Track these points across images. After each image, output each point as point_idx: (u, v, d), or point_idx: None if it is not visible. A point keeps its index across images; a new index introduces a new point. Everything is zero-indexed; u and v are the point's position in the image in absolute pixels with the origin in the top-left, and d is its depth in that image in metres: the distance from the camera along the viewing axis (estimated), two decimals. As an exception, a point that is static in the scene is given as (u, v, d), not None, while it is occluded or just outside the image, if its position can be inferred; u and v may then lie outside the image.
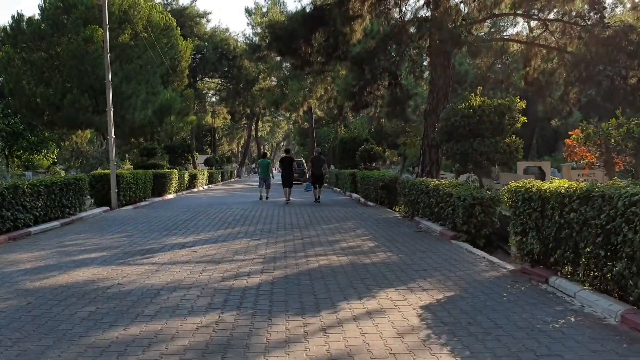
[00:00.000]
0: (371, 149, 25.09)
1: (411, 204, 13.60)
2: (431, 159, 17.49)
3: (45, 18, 28.86)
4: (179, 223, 13.09)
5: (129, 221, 13.62)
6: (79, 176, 14.54)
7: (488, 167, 11.15)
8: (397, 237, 10.55)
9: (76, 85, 27.62)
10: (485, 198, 9.76)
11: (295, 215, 15.05)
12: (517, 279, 6.99)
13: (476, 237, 9.90)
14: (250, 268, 7.65)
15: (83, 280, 6.98)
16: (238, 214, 15.31)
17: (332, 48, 21.19)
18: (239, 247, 9.53)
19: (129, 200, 18.84)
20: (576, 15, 18.00)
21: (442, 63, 17.68)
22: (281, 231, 11.60)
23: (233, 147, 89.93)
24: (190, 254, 8.81)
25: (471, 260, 8.23)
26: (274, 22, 20.91)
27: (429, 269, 7.61)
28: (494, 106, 10.57)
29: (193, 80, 54.27)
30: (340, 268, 7.62)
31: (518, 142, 10.79)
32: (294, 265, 7.81)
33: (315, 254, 8.82)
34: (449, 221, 10.63)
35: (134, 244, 9.91)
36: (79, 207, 14.33)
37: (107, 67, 17.64)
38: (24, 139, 41.86)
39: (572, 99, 20.54)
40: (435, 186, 11.38)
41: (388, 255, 8.65)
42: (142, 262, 8.22)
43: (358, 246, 9.56)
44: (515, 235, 7.66)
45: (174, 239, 10.50)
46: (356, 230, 11.70)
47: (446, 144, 11.25)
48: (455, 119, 10.73)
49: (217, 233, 11.35)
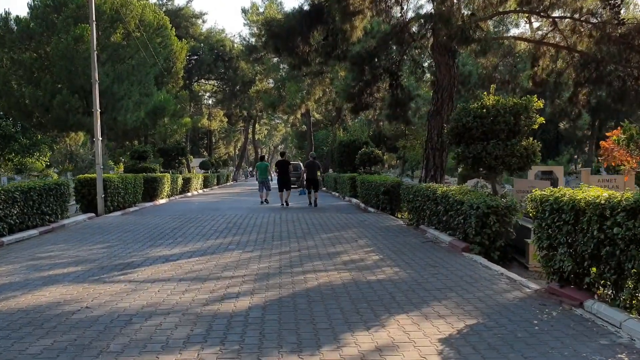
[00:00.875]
0: (371, 152, 24.20)
1: (416, 211, 12.70)
2: (435, 163, 16.60)
3: (34, 17, 27.96)
4: (166, 232, 12.16)
5: (114, 229, 12.68)
6: (60, 181, 13.61)
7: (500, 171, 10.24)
8: (403, 249, 9.64)
9: (66, 86, 26.72)
10: (501, 206, 8.88)
11: (292, 222, 14.13)
12: (545, 301, 6.10)
13: (490, 250, 9.02)
14: (239, 287, 6.73)
15: (47, 303, 6.06)
16: (231, 221, 14.39)
17: (331, 47, 20.33)
18: (229, 260, 8.61)
19: (117, 206, 17.90)
20: (587, 12, 17.14)
21: (447, 62, 16.82)
22: (276, 241, 10.68)
23: (230, 150, 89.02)
24: (174, 270, 7.89)
25: (489, 278, 7.32)
26: (270, 19, 20.07)
27: (443, 288, 6.70)
28: (509, 106, 9.68)
29: (189, 82, 53.39)
30: (343, 287, 6.71)
31: (536, 145, 9.91)
32: (289, 284, 6.90)
33: (313, 269, 7.90)
34: (460, 231, 9.74)
35: (113, 257, 8.99)
36: (60, 214, 13.39)
37: (94, 66, 16.71)
38: (16, 142, 40.95)
39: (581, 101, 19.67)
40: (444, 193, 10.49)
41: (395, 270, 7.74)
42: (119, 279, 7.30)
43: (361, 259, 8.65)
44: (540, 250, 6.76)
45: (158, 251, 9.57)
46: (358, 240, 10.79)
47: (456, 147, 10.37)
48: (467, 119, 9.83)
49: (207, 244, 10.43)
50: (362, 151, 24.62)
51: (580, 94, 19.56)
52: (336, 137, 38.44)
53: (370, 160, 24.32)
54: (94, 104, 16.66)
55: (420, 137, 34.23)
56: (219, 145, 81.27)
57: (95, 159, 16.92)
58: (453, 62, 16.86)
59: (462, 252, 9.23)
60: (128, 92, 28.98)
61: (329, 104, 44.45)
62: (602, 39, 17.29)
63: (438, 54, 17.01)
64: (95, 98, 16.70)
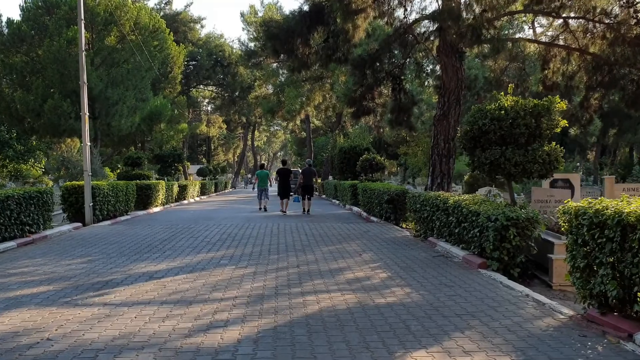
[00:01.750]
0: (373, 159, 23.34)
1: (424, 222, 11.83)
2: (442, 170, 15.73)
3: (26, 19, 27.17)
4: (155, 244, 11.27)
5: (99, 241, 11.79)
6: (42, 189, 12.72)
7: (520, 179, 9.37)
8: (412, 265, 8.76)
9: (58, 90, 25.90)
10: (522, 218, 8.00)
11: (291, 233, 13.25)
12: (585, 332, 5.22)
13: (510, 266, 8.15)
14: (229, 313, 5.84)
15: (2, 333, 5.17)
16: (226, 232, 13.51)
17: (331, 49, 19.50)
18: (220, 278, 7.72)
19: (107, 215, 17.01)
20: (600, 12, 16.34)
21: (454, 64, 15.98)
22: (273, 255, 9.80)
23: (229, 157, 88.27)
24: (157, 290, 7.00)
25: (513, 300, 6.44)
26: (268, 19, 19.28)
27: (463, 314, 5.82)
28: (529, 107, 8.82)
29: (187, 87, 52.64)
30: (348, 314, 5.83)
31: (559, 150, 9.04)
32: (286, 309, 6.01)
33: (314, 289, 7.02)
34: (475, 245, 8.86)
35: (92, 274, 8.10)
36: (42, 224, 12.50)
37: (82, 67, 15.87)
38: (10, 148, 40.10)
39: (593, 105, 18.85)
40: (456, 202, 9.61)
41: (406, 291, 6.86)
42: (93, 301, 6.41)
43: (367, 277, 7.76)
44: (574, 270, 5.88)
45: (142, 267, 8.68)
46: (362, 254, 9.90)
47: (471, 152, 9.51)
48: (483, 122, 8.96)
49: (197, 258, 9.54)
50: (364, 158, 23.77)
51: (592, 98, 18.74)
52: (336, 144, 37.59)
53: (372, 167, 23.46)
54: (82, 107, 15.83)
55: (422, 143, 33.38)
56: (218, 152, 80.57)
57: (84, 166, 16.05)
58: (460, 64, 16.03)
59: (478, 268, 8.36)
60: (123, 96, 28.13)
61: (328, 109, 43.73)
62: (616, 40, 16.50)
63: (444, 55, 16.18)
64: (84, 101, 15.86)
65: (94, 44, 27.53)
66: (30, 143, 40.40)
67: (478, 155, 9.25)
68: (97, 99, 26.98)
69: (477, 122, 9.11)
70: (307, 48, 18.91)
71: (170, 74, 40.17)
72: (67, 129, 26.84)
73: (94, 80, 26.19)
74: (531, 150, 8.81)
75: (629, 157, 39.43)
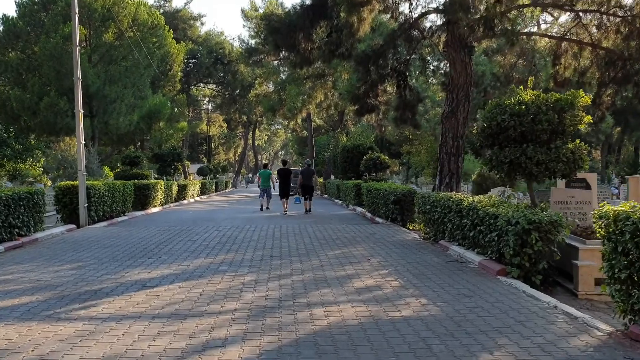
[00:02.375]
0: (377, 158, 22.71)
1: (434, 224, 11.22)
2: (450, 169, 15.11)
3: (22, 15, 26.56)
4: (150, 248, 10.67)
5: (92, 244, 11.20)
6: (33, 189, 12.11)
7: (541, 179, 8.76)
8: (425, 271, 8.15)
9: (54, 87, 25.29)
10: (544, 222, 7.39)
11: (294, 235, 12.65)
12: (629, 353, 4.62)
13: (531, 273, 7.54)
14: (228, 330, 5.24)
15: (-29, 355, 4.58)
16: (226, 234, 12.91)
17: (335, 44, 18.86)
18: (219, 287, 7.12)
19: (103, 216, 16.42)
20: (615, 4, 15.73)
21: (462, 59, 15.36)
22: (276, 260, 9.19)
23: (230, 156, 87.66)
24: (150, 300, 6.40)
25: (541, 313, 5.84)
26: (269, 13, 18.67)
27: (488, 330, 5.22)
28: (552, 101, 8.20)
29: (187, 86, 52.05)
30: (360, 330, 5.22)
31: (583, 148, 8.43)
32: (291, 325, 5.41)
33: (321, 300, 6.41)
34: (492, 250, 8.25)
35: (81, 282, 7.50)
36: (33, 226, 11.90)
37: (76, 62, 15.33)
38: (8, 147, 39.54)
39: (605, 102, 18.20)
40: (471, 204, 9.00)
41: (422, 303, 6.26)
42: (78, 315, 5.82)
43: (378, 286, 7.16)
44: (612, 281, 5.28)
45: (136, 273, 8.08)
46: (370, 258, 9.29)
47: (489, 150, 8.89)
48: (502, 117, 8.34)
49: (194, 263, 8.93)
50: (367, 157, 23.14)
51: (605, 94, 18.10)
52: (339, 142, 36.96)
53: (376, 167, 22.83)
54: (76, 104, 15.27)
55: (426, 142, 32.79)
56: (218, 151, 79.99)
57: (78, 165, 15.45)
58: (469, 59, 15.41)
59: (496, 275, 7.75)
60: (121, 94, 27.53)
61: (330, 108, 43.11)
62: (630, 34, 15.92)
63: (453, 50, 15.56)
64: (78, 98, 15.31)
65: (91, 40, 26.95)
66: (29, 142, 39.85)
67: (496, 154, 8.62)
68: (94, 97, 26.39)
69: (496, 118, 8.47)
70: (309, 43, 18.27)
71: (170, 72, 39.57)
72: (63, 127, 26.25)
73: (92, 78, 25.61)
74: (554, 148, 8.19)
75: (634, 156, 38.81)
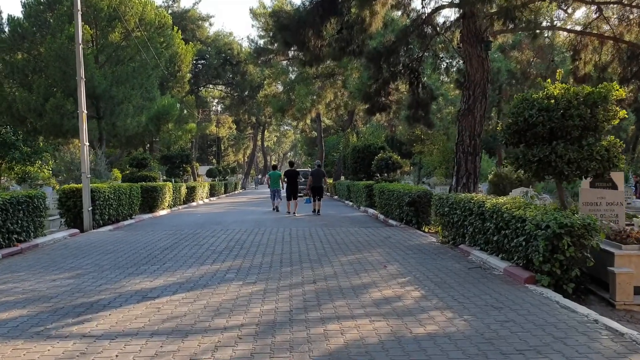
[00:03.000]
0: (389, 158, 22.10)
1: (452, 227, 10.63)
2: (467, 169, 14.51)
3: (27, 15, 26.22)
4: (155, 253, 10.17)
5: (94, 250, 10.71)
6: (32, 193, 11.65)
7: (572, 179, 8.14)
8: (447, 279, 7.57)
9: (60, 88, 24.92)
10: (577, 225, 6.79)
11: (304, 239, 12.11)
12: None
13: (562, 281, 6.94)
14: (233, 350, 4.69)
15: (-55, 381, 4.07)
16: (233, 238, 12.39)
17: (345, 41, 18.31)
18: (225, 298, 6.59)
19: (109, 219, 15.98)
20: (639, -4, 15.10)
21: (479, 54, 14.77)
22: (286, 267, 8.64)
23: (239, 157, 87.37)
24: (150, 314, 5.88)
25: (581, 328, 5.25)
26: (278, 9, 18.13)
27: (526, 349, 4.64)
28: (583, 95, 7.59)
29: (196, 87, 51.71)
30: (382, 350, 4.66)
31: (619, 144, 7.80)
32: (304, 343, 4.85)
33: (335, 314, 5.85)
34: (518, 256, 7.66)
35: (77, 292, 7.00)
36: (33, 231, 11.44)
37: (79, 61, 14.91)
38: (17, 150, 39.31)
39: (627, 99, 17.52)
40: (495, 206, 8.40)
41: (448, 317, 5.68)
42: (70, 331, 5.30)
43: (397, 297, 6.59)
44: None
45: (137, 282, 7.57)
46: (387, 265, 8.71)
47: (516, 149, 8.28)
48: (530, 112, 7.73)
49: (200, 270, 8.41)
50: (379, 156, 22.53)
51: (627, 90, 17.43)
52: (349, 143, 36.37)
53: (388, 167, 22.22)
54: (79, 104, 14.89)
55: (438, 141, 32.14)
56: (228, 153, 79.73)
57: (81, 167, 15.01)
58: (486, 55, 14.81)
59: (524, 283, 7.17)
60: (128, 95, 27.12)
61: (340, 108, 42.54)
62: (655, 27, 15.28)
63: (469, 45, 14.96)
64: (81, 98, 14.93)
65: (97, 41, 26.58)
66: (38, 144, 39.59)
67: (524, 152, 8.02)
68: (101, 98, 26.00)
69: (523, 114, 7.86)
70: (319, 40, 17.72)
71: (179, 73, 39.21)
72: (70, 129, 25.86)
73: (98, 79, 25.22)
74: (586, 146, 7.58)
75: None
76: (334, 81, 37.49)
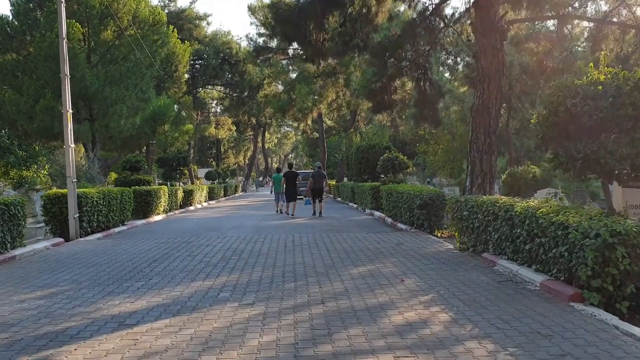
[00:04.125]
0: (395, 158, 21.01)
1: (472, 233, 9.57)
2: (483, 169, 13.48)
3: (16, 14, 25.17)
4: (141, 267, 9.10)
5: (75, 263, 9.65)
6: (9, 200, 10.59)
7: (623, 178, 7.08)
8: (476, 296, 6.51)
9: (51, 89, 23.82)
10: (632, 233, 5.75)
11: (309, 247, 11.05)
12: None
13: (615, 298, 5.89)
14: (222, 405, 3.64)
15: None
16: (231, 247, 11.33)
17: (349, 35, 17.33)
18: (216, 325, 5.52)
19: (98, 227, 14.92)
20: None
21: (494, 45, 13.75)
22: (289, 283, 7.56)
23: (239, 159, 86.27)
24: (124, 348, 4.82)
25: (660, 366, 4.18)
26: (277, 1, 17.10)
27: (602, 401, 3.58)
28: (635, 80, 6.53)
29: (194, 88, 50.66)
30: (415, 404, 3.60)
31: (678, 137, 6.74)
32: (315, 394, 3.80)
33: (351, 346, 4.78)
34: (558, 268, 6.60)
35: (45, 317, 5.94)
36: (10, 242, 10.39)
37: (64, 57, 14.05)
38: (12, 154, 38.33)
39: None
40: (526, 210, 7.34)
41: (488, 349, 4.61)
42: (21, 376, 4.25)
43: (422, 321, 5.52)
44: None
45: (116, 304, 6.50)
46: (405, 279, 7.64)
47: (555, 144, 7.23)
48: (572, 101, 6.67)
49: (190, 288, 7.34)
50: (385, 157, 21.45)
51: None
52: (352, 143, 35.32)
53: (394, 167, 21.13)
54: (64, 103, 13.94)
55: (443, 141, 31.09)
56: (228, 155, 78.61)
57: (67, 171, 13.97)
58: (501, 45, 13.80)
59: (569, 301, 6.10)
60: (122, 96, 26.02)
61: (342, 107, 41.49)
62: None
63: (482, 36, 13.95)
64: (66, 96, 14.08)
65: (89, 39, 25.50)
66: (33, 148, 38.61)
67: (566, 147, 6.95)
68: (93, 99, 24.94)
69: (564, 103, 6.81)
70: (321, 33, 16.76)
71: (175, 73, 38.14)
72: (61, 132, 24.65)
73: (90, 79, 24.16)
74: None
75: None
76: (336, 80, 36.45)
